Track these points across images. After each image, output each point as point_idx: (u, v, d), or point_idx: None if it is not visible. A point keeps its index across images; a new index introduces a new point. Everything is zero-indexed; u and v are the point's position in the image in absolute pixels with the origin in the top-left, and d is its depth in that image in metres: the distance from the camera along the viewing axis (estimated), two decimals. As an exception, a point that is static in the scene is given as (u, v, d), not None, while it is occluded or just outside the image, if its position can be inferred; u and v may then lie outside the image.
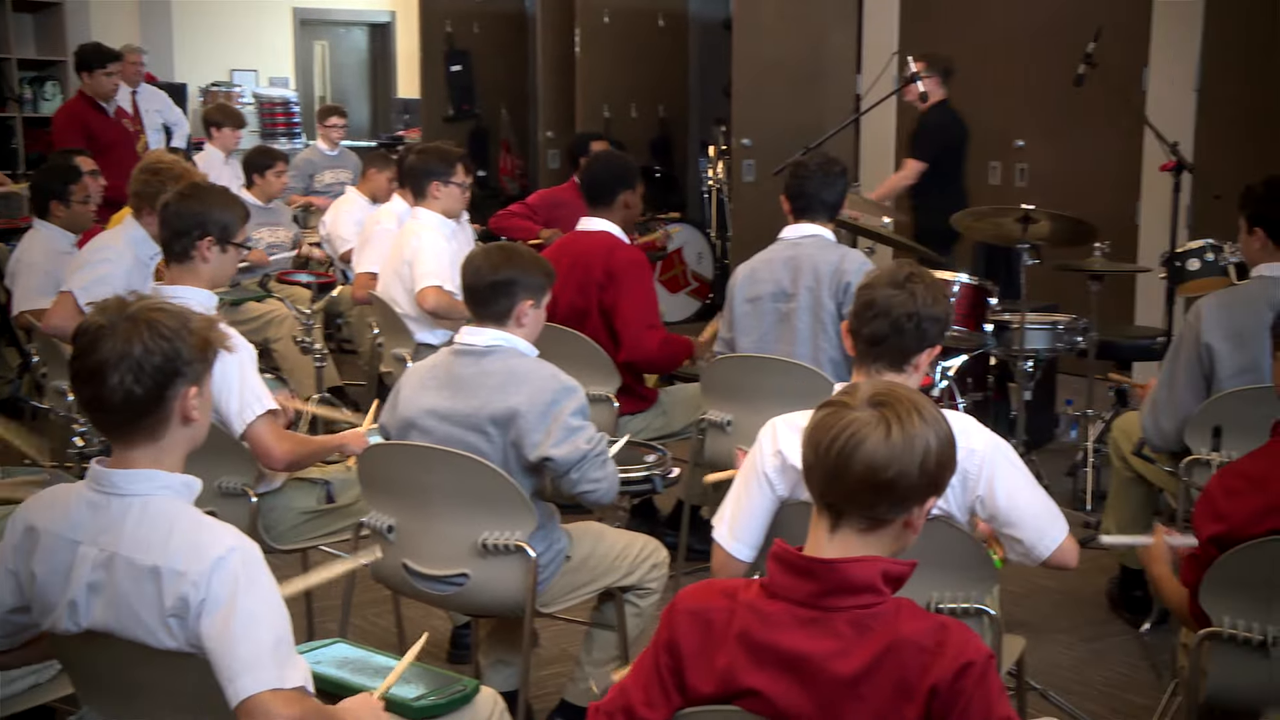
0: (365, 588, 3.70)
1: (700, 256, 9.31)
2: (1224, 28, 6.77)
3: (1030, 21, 7.75)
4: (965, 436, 2.57)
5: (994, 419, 5.75)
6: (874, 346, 2.65)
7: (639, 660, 1.89)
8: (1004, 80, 7.92)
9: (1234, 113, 6.73)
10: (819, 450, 1.77)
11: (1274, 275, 3.62)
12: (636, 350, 4.44)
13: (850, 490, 1.76)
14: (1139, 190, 7.18)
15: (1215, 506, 2.56)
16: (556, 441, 3.05)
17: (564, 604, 3.26)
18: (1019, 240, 5.30)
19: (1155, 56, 7.10)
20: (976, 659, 1.70)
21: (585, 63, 9.76)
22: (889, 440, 1.74)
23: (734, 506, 2.68)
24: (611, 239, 4.56)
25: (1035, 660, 3.88)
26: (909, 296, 2.62)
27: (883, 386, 1.82)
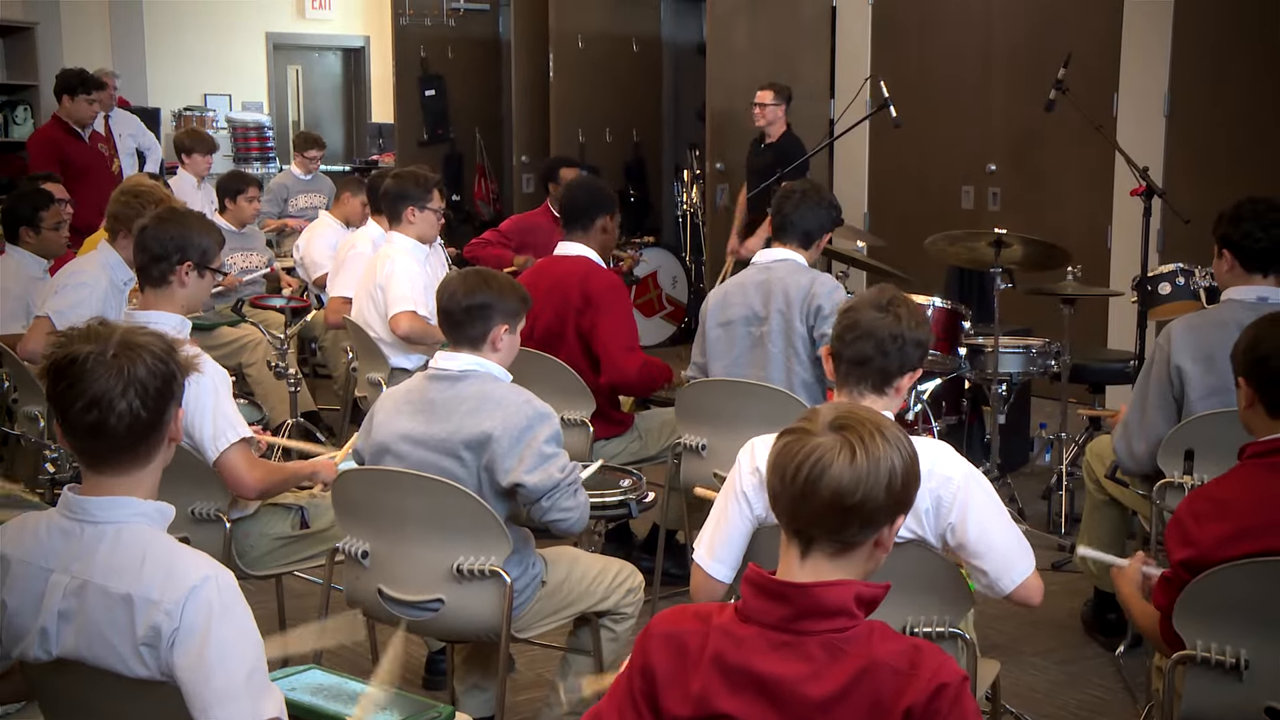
0: (339, 613, 3.67)
1: (674, 280, 9.33)
2: (1191, 54, 6.85)
3: (1002, 47, 7.81)
4: (942, 465, 2.59)
5: (968, 442, 5.78)
6: (858, 368, 2.66)
7: (613, 685, 1.88)
8: (976, 105, 7.98)
9: (1203, 138, 6.80)
10: (784, 478, 1.78)
11: (1243, 298, 3.64)
12: (617, 373, 4.45)
13: (818, 515, 1.77)
14: (1111, 215, 7.23)
15: (1184, 531, 2.57)
16: (529, 468, 3.04)
17: (540, 629, 3.25)
18: (992, 264, 5.34)
19: (1125, 82, 7.16)
20: (951, 680, 1.70)
21: (559, 87, 9.79)
22: (854, 464, 1.75)
23: (713, 528, 2.69)
24: (589, 263, 4.57)
25: (1010, 683, 3.89)
26: (893, 319, 2.65)
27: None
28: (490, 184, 11.35)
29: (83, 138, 7.47)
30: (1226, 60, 6.70)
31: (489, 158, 11.36)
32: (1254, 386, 2.64)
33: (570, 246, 4.63)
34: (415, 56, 11.06)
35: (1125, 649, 4.15)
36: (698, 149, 9.26)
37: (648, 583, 3.60)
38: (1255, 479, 2.60)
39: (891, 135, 7.61)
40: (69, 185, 5.98)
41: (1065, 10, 7.44)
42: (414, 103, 11.11)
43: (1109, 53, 7.17)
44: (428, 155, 10.90)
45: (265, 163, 12.36)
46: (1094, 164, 7.16)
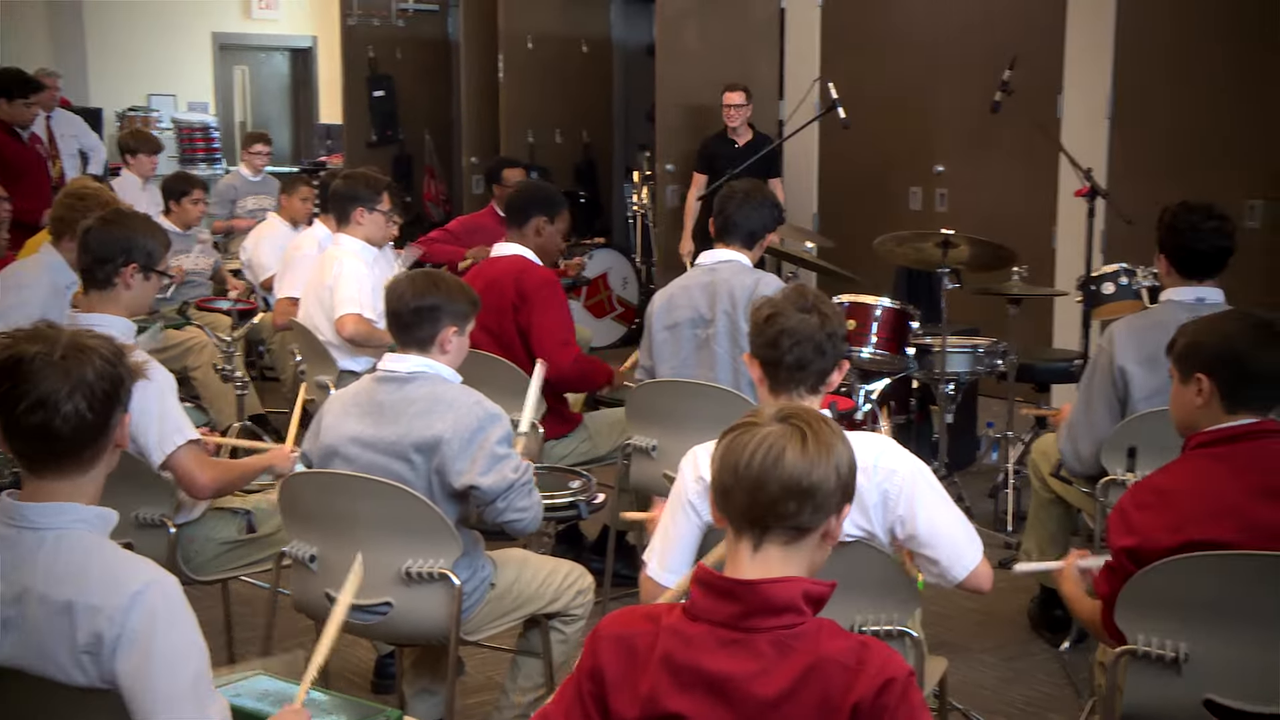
0: (287, 618, 3.65)
1: (625, 282, 9.33)
2: (1134, 57, 6.93)
3: (948, 49, 7.87)
4: (887, 458, 2.61)
5: (916, 441, 5.81)
6: (798, 372, 2.67)
7: (562, 687, 1.88)
8: (924, 106, 8.04)
9: (1145, 139, 6.88)
10: (739, 470, 1.79)
11: (1182, 299, 3.69)
12: (551, 367, 4.44)
13: (774, 501, 1.78)
14: (1055, 215, 7.30)
15: (1126, 520, 2.61)
16: (483, 470, 3.04)
17: (489, 631, 3.24)
18: (939, 265, 5.38)
19: (1069, 85, 7.24)
20: (898, 676, 1.72)
21: (509, 88, 9.77)
22: (806, 448, 1.78)
23: (662, 538, 2.70)
24: (523, 261, 4.57)
25: (958, 680, 3.92)
26: (820, 318, 2.66)
27: (789, 406, 1.86)
28: (439, 185, 11.31)
29: (22, 139, 7.37)
30: (1168, 62, 6.78)
31: (438, 159, 11.33)
32: (1218, 382, 2.64)
33: (506, 247, 4.65)
34: (363, 57, 11.00)
35: (1070, 645, 4.20)
36: (648, 150, 9.27)
37: (598, 584, 3.60)
38: (1198, 468, 2.63)
39: (840, 136, 7.65)
40: (8, 187, 5.90)
41: (1010, 13, 7.51)
42: (362, 104, 11.06)
43: (1053, 55, 7.25)
44: (376, 156, 10.85)
45: (212, 164, 12.26)
46: (1039, 165, 7.22)
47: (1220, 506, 2.53)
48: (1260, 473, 2.56)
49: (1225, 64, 6.52)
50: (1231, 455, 2.60)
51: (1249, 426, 2.61)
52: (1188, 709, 2.52)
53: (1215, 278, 3.71)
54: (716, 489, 1.84)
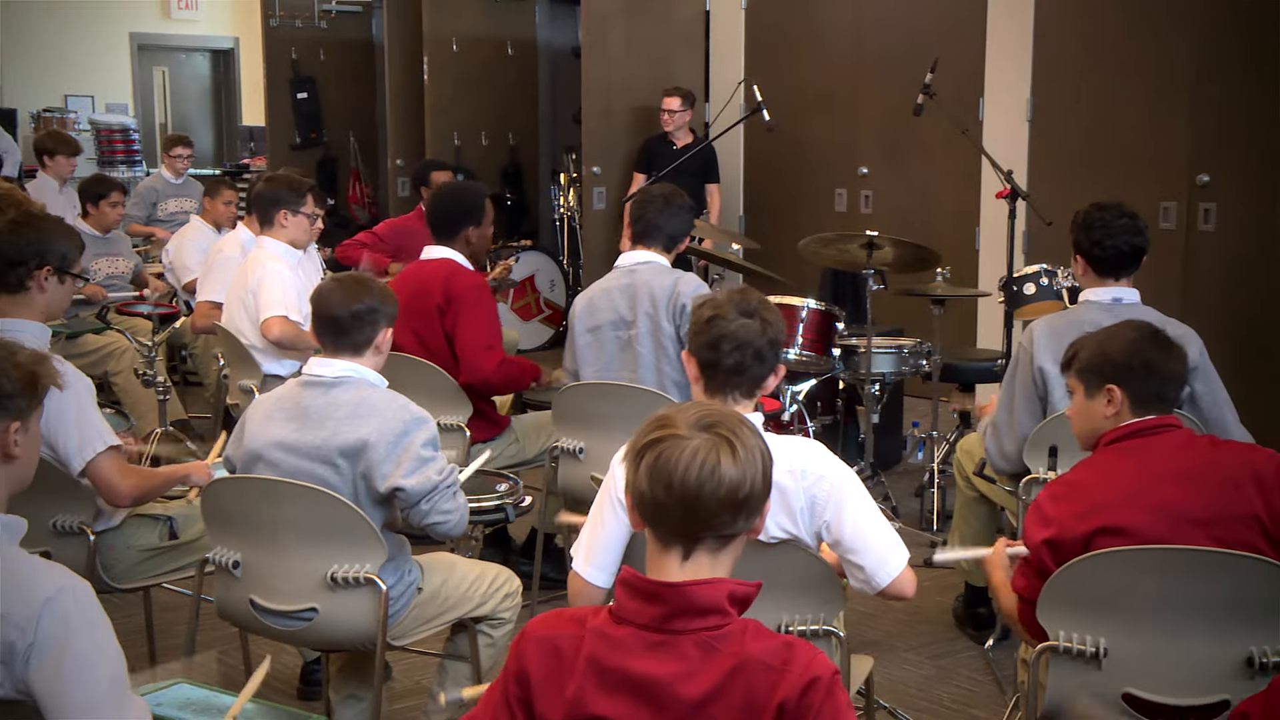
0: (210, 625, 3.61)
1: (552, 284, 9.32)
2: (1052, 61, 7.04)
3: (872, 52, 7.95)
4: (816, 464, 2.63)
5: (843, 442, 5.87)
6: (735, 376, 2.67)
7: (489, 691, 1.87)
8: (848, 109, 8.11)
9: (1064, 142, 6.99)
10: (673, 488, 1.76)
11: (1098, 300, 3.76)
12: (474, 371, 4.43)
13: (711, 516, 1.77)
14: (978, 217, 7.40)
15: (1042, 514, 2.67)
16: (408, 472, 3.02)
17: (416, 636, 3.22)
18: (864, 266, 5.43)
19: (990, 88, 7.34)
20: (823, 674, 1.72)
21: (434, 90, 9.72)
22: (738, 458, 1.76)
23: (590, 534, 2.69)
24: (452, 264, 4.55)
25: (884, 679, 3.96)
26: (762, 325, 2.66)
27: (698, 409, 1.82)
28: (365, 188, 11.24)
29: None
30: (1085, 66, 6.90)
31: (364, 161, 11.25)
32: (1127, 390, 2.73)
33: (435, 250, 4.62)
34: (286, 58, 10.90)
35: (994, 642, 4.25)
36: (574, 152, 9.27)
37: (526, 587, 3.59)
38: (1108, 461, 2.72)
39: (765, 138, 7.70)
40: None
41: (932, 17, 7.59)
42: (286, 105, 10.96)
43: (974, 59, 7.34)
44: (301, 159, 10.76)
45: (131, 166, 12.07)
46: (962, 167, 7.31)
47: (1130, 492, 2.61)
48: (1166, 461, 2.64)
49: (1140, 68, 6.64)
50: (1140, 448, 2.69)
51: (1154, 421, 2.72)
52: (1107, 703, 2.56)
53: (1130, 277, 3.78)
54: (645, 503, 1.80)
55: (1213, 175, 6.41)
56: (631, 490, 1.82)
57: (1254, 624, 2.49)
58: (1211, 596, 2.49)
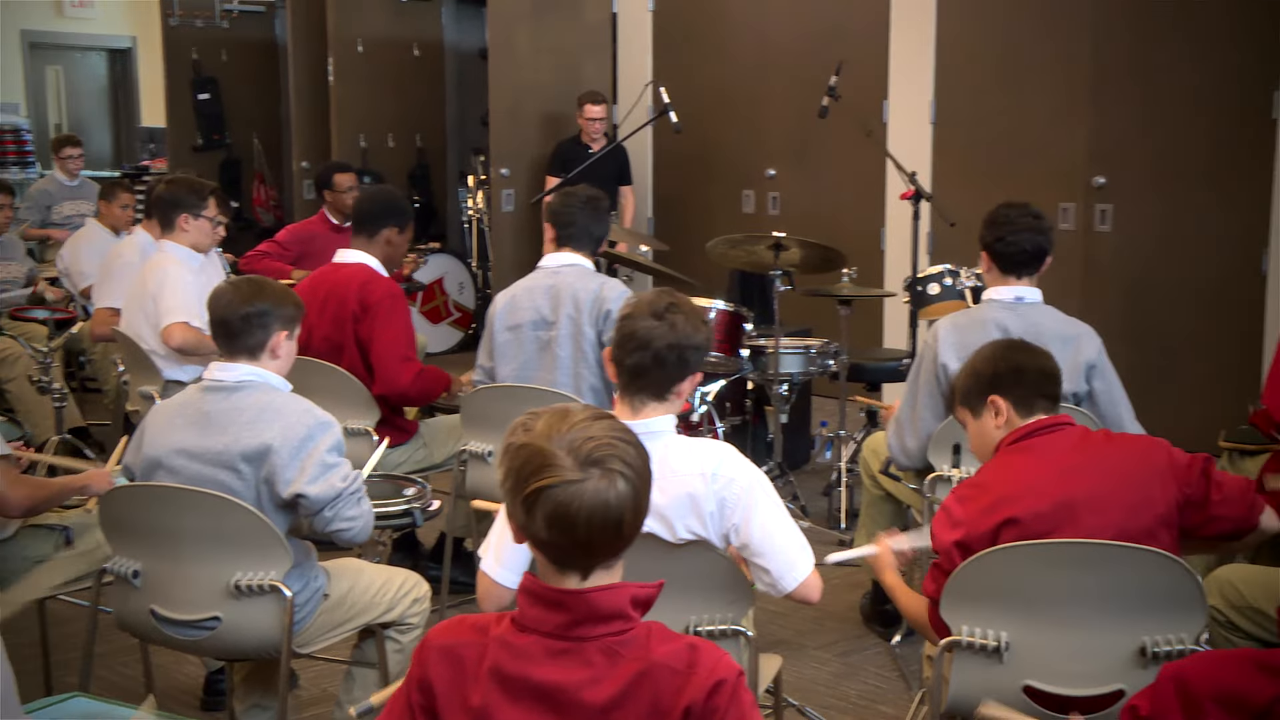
0: (109, 637, 3.53)
1: (461, 287, 9.27)
2: (954, 63, 7.15)
3: (778, 55, 8.00)
4: (726, 466, 2.63)
5: (752, 442, 5.90)
6: (638, 379, 2.66)
7: (392, 698, 1.85)
8: (755, 111, 8.16)
9: (966, 144, 7.11)
10: (577, 535, 1.73)
11: (1001, 298, 3.82)
12: (390, 383, 4.38)
13: (609, 548, 1.76)
14: (884, 218, 7.48)
15: (950, 516, 2.71)
16: (311, 479, 2.99)
17: (323, 643, 3.18)
18: (771, 267, 5.47)
19: (894, 90, 7.43)
20: (728, 676, 1.73)
21: (339, 92, 9.62)
22: (631, 488, 1.74)
23: (499, 535, 2.67)
24: (368, 271, 4.49)
25: (793, 677, 3.98)
26: (669, 328, 2.64)
27: (576, 436, 1.75)
28: (269, 190, 11.08)
29: None
30: (986, 70, 7.01)
31: (268, 163, 11.10)
32: (1009, 396, 2.81)
33: (350, 254, 4.55)
34: (187, 58, 10.72)
35: (901, 638, 4.30)
36: (483, 154, 9.22)
37: (435, 592, 3.56)
38: (1009, 461, 2.78)
39: (673, 140, 7.72)
40: None
41: (836, 20, 7.66)
42: (187, 106, 10.77)
43: (878, 62, 7.43)
44: (203, 161, 10.59)
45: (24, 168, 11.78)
46: (867, 169, 7.39)
47: (1031, 485, 2.66)
48: (1064, 456, 2.71)
49: (1039, 71, 6.77)
50: (1037, 445, 2.76)
51: (1048, 421, 2.79)
52: (1009, 696, 2.60)
53: (1033, 276, 3.85)
54: (542, 545, 1.76)
55: (1109, 177, 6.55)
56: (525, 532, 1.77)
57: (1147, 614, 2.55)
58: (1108, 589, 2.55)
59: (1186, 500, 2.67)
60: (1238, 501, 2.71)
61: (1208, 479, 2.69)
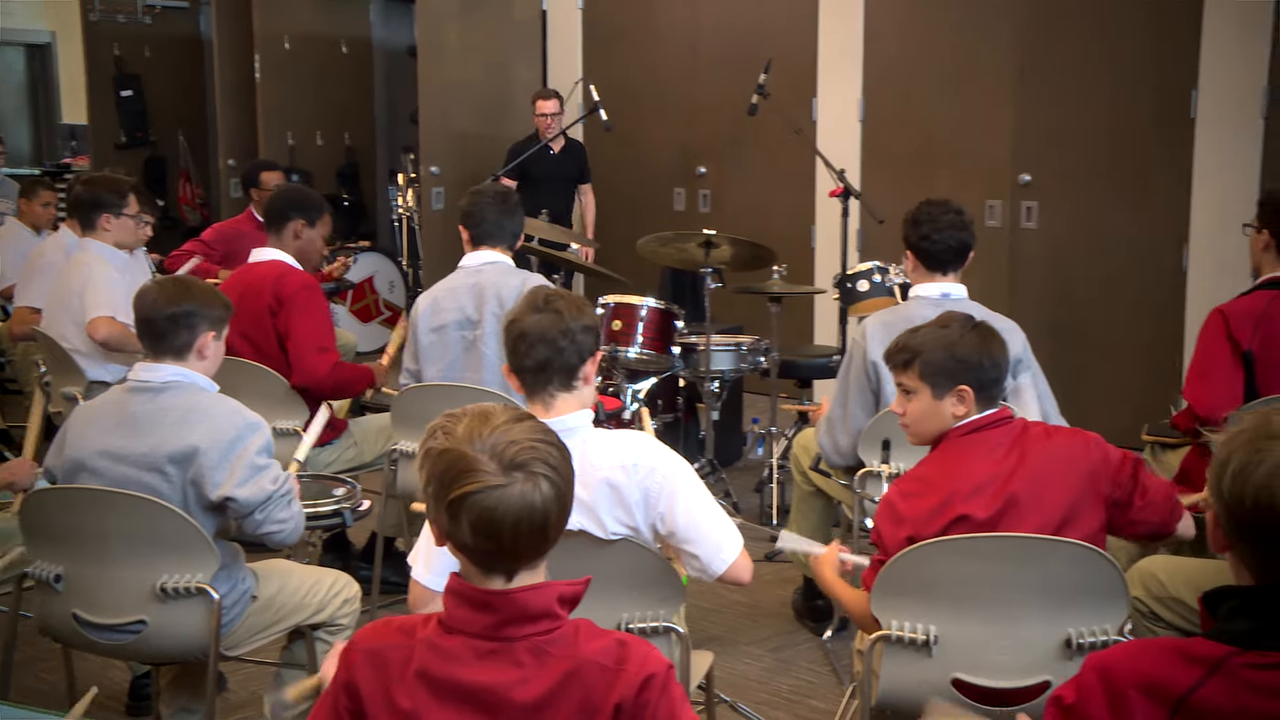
0: (30, 642, 3.47)
1: (392, 285, 9.20)
2: (882, 61, 7.21)
3: (708, 53, 8.03)
4: (647, 456, 2.64)
5: (684, 439, 5.91)
6: (541, 373, 2.66)
7: (319, 701, 1.84)
8: (686, 108, 8.17)
9: (895, 141, 7.17)
10: (503, 541, 1.72)
11: (928, 295, 3.85)
12: (307, 374, 4.34)
13: (534, 550, 1.76)
14: (814, 215, 7.53)
15: (895, 512, 2.71)
16: (240, 481, 2.96)
17: (251, 645, 3.16)
18: (702, 264, 5.48)
19: (822, 88, 7.48)
20: (658, 671, 1.73)
21: (266, 89, 9.50)
22: (554, 489, 1.74)
23: (428, 540, 2.65)
24: (281, 266, 4.46)
25: (724, 673, 4.00)
26: (555, 315, 2.65)
27: (499, 440, 1.74)
28: (195, 189, 10.94)
29: None
30: (914, 68, 7.08)
31: (193, 161, 10.95)
32: (976, 388, 2.76)
33: (264, 252, 4.52)
34: (109, 54, 10.55)
35: (833, 633, 4.33)
36: (413, 152, 9.16)
37: (366, 592, 3.53)
38: (951, 453, 2.76)
39: (604, 138, 7.71)
40: None
41: (765, 19, 7.70)
42: (109, 103, 10.60)
43: (807, 60, 7.47)
44: (126, 159, 10.43)
45: (-62, 166, 11.54)
46: (797, 167, 7.43)
47: (978, 483, 2.67)
48: (1006, 451, 2.71)
49: (966, 70, 6.84)
50: (983, 440, 2.74)
51: (994, 415, 2.78)
52: (938, 689, 2.62)
53: (957, 272, 3.88)
54: (467, 550, 1.76)
55: (1034, 175, 6.64)
56: (449, 537, 1.76)
57: (1073, 607, 2.58)
58: (1035, 582, 2.58)
59: (1114, 500, 2.70)
60: (1159, 507, 2.74)
61: (1136, 482, 2.72)
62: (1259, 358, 3.61)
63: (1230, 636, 1.63)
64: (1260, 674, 1.59)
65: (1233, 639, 1.62)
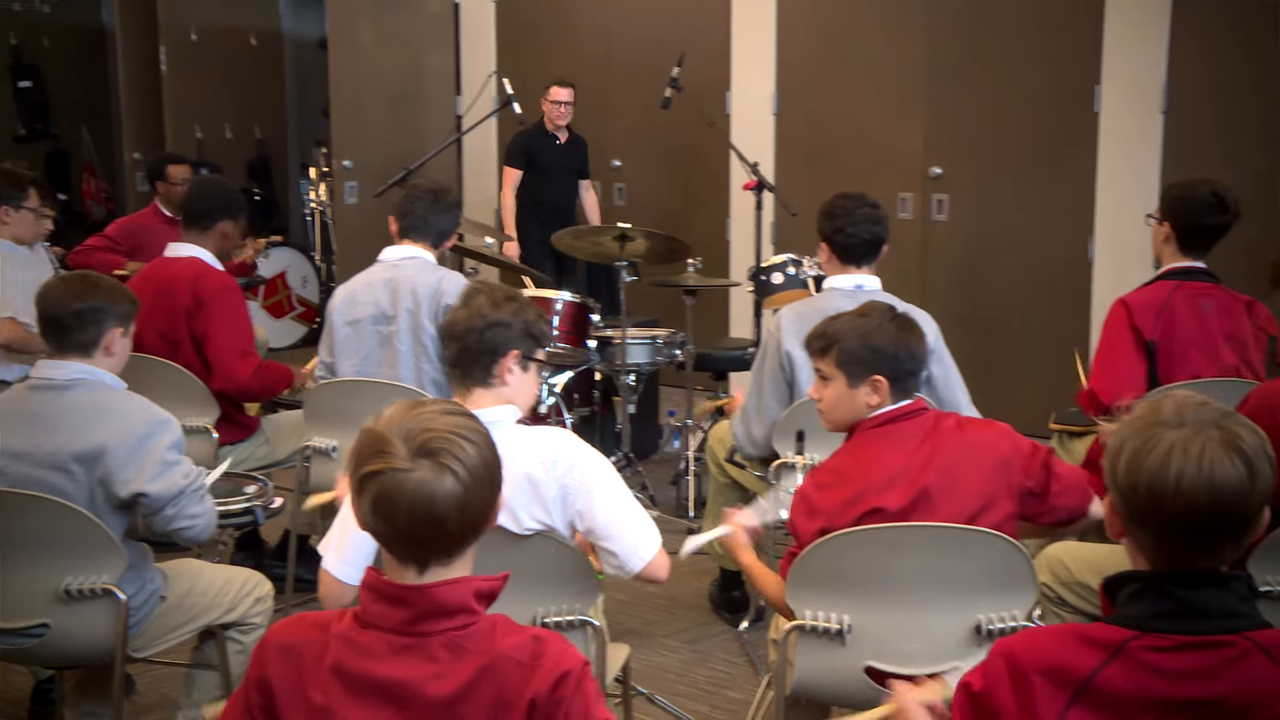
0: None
1: (305, 280, 9.10)
2: (795, 54, 7.26)
3: (622, 45, 8.02)
4: (566, 452, 2.65)
5: (600, 433, 5.91)
6: (458, 369, 2.69)
7: (231, 699, 1.82)
8: (599, 102, 8.15)
9: (808, 134, 7.22)
10: (398, 524, 1.72)
11: (842, 287, 3.89)
12: (229, 379, 4.29)
13: (439, 543, 1.75)
14: (728, 208, 7.56)
15: (809, 504, 2.73)
16: (151, 477, 2.93)
17: (161, 646, 3.12)
18: (617, 258, 5.48)
19: (736, 82, 7.51)
20: (573, 668, 1.73)
21: (172, 81, 9.35)
22: (461, 483, 1.72)
23: (340, 531, 2.64)
24: (200, 264, 4.38)
25: (642, 665, 4.01)
26: (471, 312, 2.69)
27: (415, 426, 1.74)
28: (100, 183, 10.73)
29: None
30: (826, 62, 7.13)
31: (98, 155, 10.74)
32: (891, 378, 2.78)
33: (182, 248, 4.44)
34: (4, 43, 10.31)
35: (749, 624, 4.36)
36: (325, 146, 9.07)
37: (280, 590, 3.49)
38: (865, 445, 2.79)
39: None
40: None
41: (679, 12, 7.71)
42: (6, 95, 10.37)
43: (721, 53, 7.50)
44: (26, 152, 10.21)
45: None
46: (711, 160, 7.45)
47: (891, 475, 2.69)
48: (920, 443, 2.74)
49: (878, 63, 6.91)
50: (896, 431, 2.77)
51: (909, 407, 2.80)
52: (850, 677, 2.65)
53: (871, 265, 3.92)
54: (373, 532, 1.76)
55: (945, 168, 6.73)
56: (359, 516, 1.76)
57: (983, 594, 2.63)
58: (946, 571, 2.61)
59: (1028, 491, 2.74)
60: (1074, 492, 2.78)
61: (1048, 471, 2.76)
62: (1161, 348, 3.69)
63: (1129, 620, 1.66)
64: (1158, 656, 1.62)
65: (1131, 623, 1.66)
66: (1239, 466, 1.62)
